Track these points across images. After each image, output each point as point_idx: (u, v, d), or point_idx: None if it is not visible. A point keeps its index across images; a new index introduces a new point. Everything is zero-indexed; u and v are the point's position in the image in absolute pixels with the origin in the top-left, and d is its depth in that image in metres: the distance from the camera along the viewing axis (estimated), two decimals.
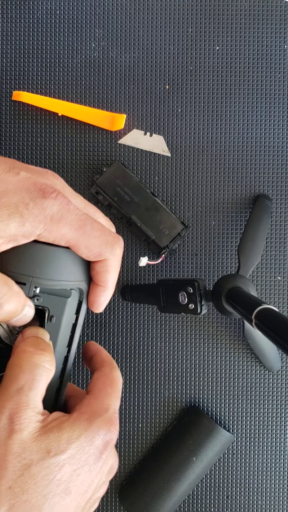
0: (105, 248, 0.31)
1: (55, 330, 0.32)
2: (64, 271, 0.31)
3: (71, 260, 0.32)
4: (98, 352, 0.36)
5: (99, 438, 0.28)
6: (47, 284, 0.31)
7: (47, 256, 0.31)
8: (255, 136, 0.52)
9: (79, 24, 0.51)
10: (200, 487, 0.51)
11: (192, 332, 0.51)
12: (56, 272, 0.31)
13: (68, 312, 0.33)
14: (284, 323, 0.31)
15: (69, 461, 0.27)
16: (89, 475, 0.28)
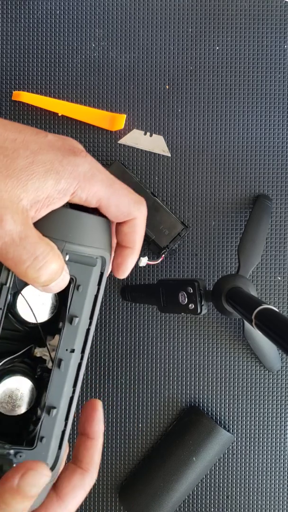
0: (133, 206, 0.31)
1: (81, 300, 0.33)
2: (94, 237, 0.33)
3: (99, 226, 0.34)
4: (95, 444, 0.36)
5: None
6: (77, 250, 0.32)
7: (78, 221, 0.32)
8: (255, 136, 0.52)
9: (79, 24, 0.52)
10: (200, 487, 0.51)
11: (192, 332, 0.51)
12: (86, 237, 0.32)
13: (93, 282, 0.34)
14: (284, 323, 0.31)
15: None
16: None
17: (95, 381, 0.51)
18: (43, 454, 0.33)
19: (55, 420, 0.33)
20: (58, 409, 0.33)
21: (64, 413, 0.34)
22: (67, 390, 0.34)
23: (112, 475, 0.51)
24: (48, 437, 0.33)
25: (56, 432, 0.33)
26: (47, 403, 0.33)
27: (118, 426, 0.51)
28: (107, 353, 0.51)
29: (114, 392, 0.51)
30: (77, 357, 0.34)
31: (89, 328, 0.34)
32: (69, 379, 0.34)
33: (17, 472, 0.29)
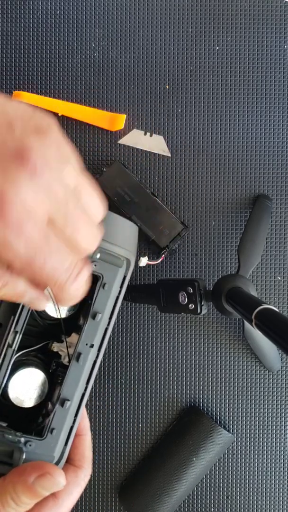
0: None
1: (105, 298, 0.34)
2: (124, 238, 0.34)
3: (130, 230, 0.36)
4: (83, 440, 0.36)
5: None
6: (109, 248, 0.33)
7: (113, 221, 0.34)
8: (255, 136, 0.52)
9: (79, 24, 0.51)
10: (200, 487, 0.51)
11: (192, 332, 0.51)
12: (119, 237, 0.34)
13: (117, 282, 0.35)
14: (284, 323, 0.31)
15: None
16: None
17: (95, 381, 0.51)
18: (52, 446, 0.33)
19: (67, 413, 0.34)
20: (71, 402, 0.34)
21: (75, 408, 0.35)
22: (81, 385, 0.34)
23: (112, 475, 0.51)
24: (59, 429, 0.34)
25: (66, 426, 0.34)
26: (62, 394, 0.34)
27: (118, 426, 0.51)
28: (107, 353, 0.51)
29: (114, 392, 0.51)
30: (94, 354, 0.35)
31: (107, 327, 0.35)
32: (84, 374, 0.34)
33: (36, 471, 0.30)
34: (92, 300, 0.34)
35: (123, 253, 0.34)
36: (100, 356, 0.35)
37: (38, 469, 0.30)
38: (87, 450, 0.36)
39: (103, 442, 0.51)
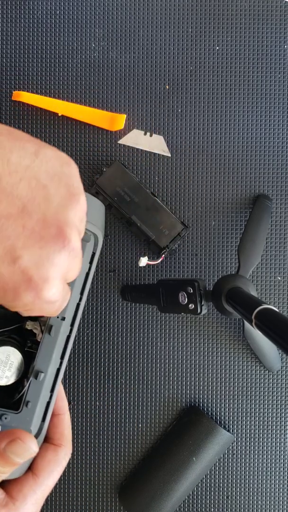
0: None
1: None
2: (89, 212, 0.33)
3: (96, 206, 0.36)
4: (62, 419, 0.37)
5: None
6: None
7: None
8: (255, 136, 0.52)
9: (79, 24, 0.51)
10: (200, 487, 0.51)
11: (192, 332, 0.51)
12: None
13: (85, 257, 0.35)
14: (284, 323, 0.31)
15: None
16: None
17: (95, 381, 0.51)
18: (27, 420, 0.33)
19: (42, 385, 0.34)
20: (45, 375, 0.34)
21: (50, 382, 0.35)
22: (55, 358, 0.35)
23: (112, 475, 0.51)
24: (34, 402, 0.34)
25: (41, 399, 0.34)
26: (36, 367, 0.34)
27: (118, 426, 0.51)
28: (107, 353, 0.51)
29: (114, 392, 0.51)
30: (67, 328, 0.35)
31: (79, 303, 0.35)
32: (58, 347, 0.35)
33: (6, 437, 0.30)
34: None
35: (90, 227, 0.34)
36: (74, 331, 0.36)
37: (9, 435, 0.30)
38: (66, 429, 0.36)
39: (103, 442, 0.51)
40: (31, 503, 0.31)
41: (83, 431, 0.51)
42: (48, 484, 0.33)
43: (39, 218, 0.23)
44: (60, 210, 0.24)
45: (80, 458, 0.51)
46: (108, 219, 0.51)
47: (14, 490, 0.31)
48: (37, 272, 0.23)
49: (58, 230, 0.24)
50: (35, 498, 0.32)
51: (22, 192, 0.23)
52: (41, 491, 0.32)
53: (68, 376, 0.51)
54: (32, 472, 0.33)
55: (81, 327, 0.51)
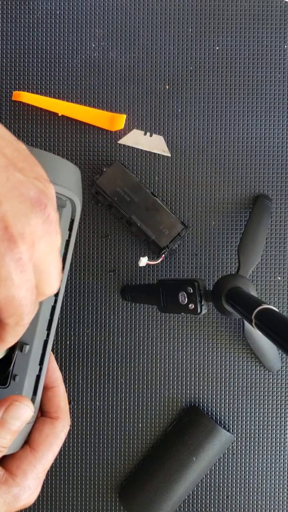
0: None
1: None
2: (64, 177, 0.33)
3: (70, 170, 0.34)
4: (56, 391, 0.36)
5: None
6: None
7: (46, 158, 0.33)
8: (255, 136, 0.52)
9: (79, 24, 0.51)
10: (200, 487, 0.51)
11: (192, 332, 0.51)
12: (55, 175, 0.32)
13: (63, 223, 0.34)
14: (284, 323, 0.31)
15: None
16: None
17: (95, 381, 0.51)
18: (16, 394, 0.33)
19: (28, 358, 0.33)
20: (31, 347, 0.33)
21: (38, 355, 0.34)
22: (40, 330, 0.34)
23: (112, 475, 0.51)
24: (22, 376, 0.33)
25: (30, 372, 0.33)
26: (20, 339, 0.32)
27: (118, 426, 0.51)
28: (107, 353, 0.51)
29: (114, 392, 0.51)
30: (50, 299, 0.34)
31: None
32: (42, 318, 0.34)
33: (2, 405, 0.29)
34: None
35: (64, 192, 0.33)
36: (59, 302, 0.35)
37: (4, 402, 0.29)
38: (62, 401, 0.35)
39: (103, 442, 0.51)
40: (32, 478, 0.31)
41: (83, 431, 0.51)
42: (48, 458, 0.32)
43: (20, 178, 0.25)
44: (39, 183, 0.26)
45: (80, 458, 0.51)
46: (108, 219, 0.51)
47: (13, 466, 0.31)
48: (14, 222, 0.24)
49: (37, 194, 0.25)
50: (36, 473, 0.31)
51: (8, 152, 0.26)
52: (41, 465, 0.32)
53: (68, 376, 0.51)
54: (30, 447, 0.32)
55: (81, 327, 0.51)
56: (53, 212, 0.26)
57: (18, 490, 0.30)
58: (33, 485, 0.31)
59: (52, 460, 0.33)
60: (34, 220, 0.25)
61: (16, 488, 0.30)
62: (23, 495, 0.30)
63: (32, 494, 0.31)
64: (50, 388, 0.36)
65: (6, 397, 0.30)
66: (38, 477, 0.32)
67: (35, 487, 0.31)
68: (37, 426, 0.34)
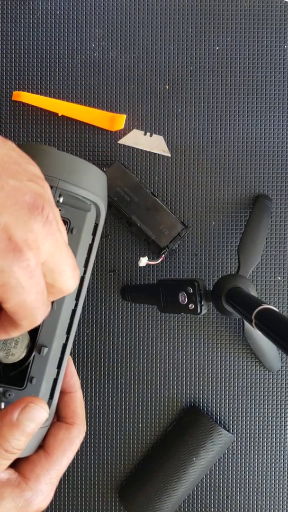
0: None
1: (75, 243, 0.33)
2: (89, 181, 0.33)
3: (96, 175, 0.34)
4: (73, 397, 0.36)
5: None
6: (71, 191, 0.32)
7: (74, 163, 0.33)
8: (255, 136, 0.52)
9: (79, 24, 0.51)
10: (200, 487, 0.51)
11: (192, 332, 0.51)
12: (82, 179, 0.33)
13: (87, 228, 0.34)
14: (284, 323, 0.31)
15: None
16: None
17: (95, 381, 0.51)
18: (33, 396, 0.32)
19: (46, 361, 0.33)
20: (49, 350, 0.33)
21: (56, 358, 0.34)
22: (59, 333, 0.33)
23: (112, 475, 0.51)
24: (39, 378, 0.32)
25: (47, 375, 0.33)
26: (39, 341, 0.33)
27: (118, 426, 0.51)
28: (107, 353, 0.51)
29: (114, 392, 0.51)
30: (71, 302, 0.34)
31: (83, 276, 0.34)
32: (62, 321, 0.33)
33: (17, 406, 0.29)
34: None
35: (89, 196, 0.34)
36: (79, 306, 0.35)
37: (20, 404, 0.29)
38: (78, 407, 0.35)
39: (103, 442, 0.51)
40: (45, 482, 0.31)
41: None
42: (62, 463, 0.32)
43: (14, 184, 0.25)
44: (34, 185, 0.26)
45: (80, 458, 0.51)
46: (108, 219, 0.51)
47: (27, 470, 0.31)
48: (16, 231, 0.24)
49: (32, 198, 0.25)
50: (49, 478, 0.31)
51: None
52: (55, 470, 0.31)
53: None
54: (44, 452, 0.32)
55: (81, 327, 0.51)
56: (52, 211, 0.26)
57: (31, 495, 0.30)
58: (46, 490, 0.31)
59: (66, 466, 0.32)
60: (34, 225, 0.25)
61: (29, 492, 0.30)
62: (35, 500, 0.30)
63: (45, 500, 0.31)
64: (67, 393, 0.35)
65: (21, 398, 0.30)
66: (51, 483, 0.31)
67: (48, 492, 0.31)
68: (52, 431, 0.33)
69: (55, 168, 0.32)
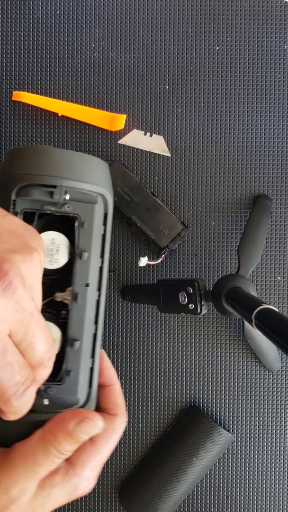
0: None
1: (87, 236, 0.34)
2: (91, 173, 0.34)
3: (97, 165, 0.35)
4: (113, 389, 0.37)
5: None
6: (76, 187, 0.33)
7: (74, 158, 0.33)
8: (255, 136, 0.52)
9: (79, 24, 0.51)
10: (200, 487, 0.51)
11: (192, 332, 0.51)
12: (83, 173, 0.33)
13: (97, 219, 0.34)
14: (284, 323, 0.31)
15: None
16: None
17: None
18: (72, 389, 0.34)
19: (80, 353, 0.34)
20: (81, 342, 0.34)
21: (89, 349, 0.35)
22: (88, 325, 0.34)
23: (112, 475, 0.51)
24: (75, 370, 0.34)
25: (83, 367, 0.34)
26: (69, 336, 0.34)
27: None
28: (107, 353, 0.51)
29: None
30: (94, 293, 0.35)
31: (101, 266, 0.35)
32: (88, 313, 0.34)
33: (75, 417, 0.31)
34: (75, 242, 0.34)
35: (94, 188, 0.34)
36: (103, 297, 0.35)
37: (77, 415, 0.31)
38: (118, 398, 0.37)
39: None
40: (90, 469, 0.33)
41: None
42: (105, 452, 0.34)
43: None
44: (5, 253, 0.25)
45: None
46: None
47: (74, 456, 0.32)
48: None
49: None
50: (93, 465, 0.33)
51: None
52: (99, 457, 0.33)
53: None
54: (90, 440, 0.34)
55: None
56: (16, 278, 0.25)
57: (78, 480, 0.32)
58: (90, 475, 0.33)
59: (108, 455, 0.34)
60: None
61: (76, 478, 0.32)
62: (81, 485, 0.32)
63: (89, 484, 0.33)
64: (107, 387, 0.37)
65: (80, 410, 0.32)
66: (95, 469, 0.33)
67: (92, 478, 0.33)
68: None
69: (56, 167, 0.33)
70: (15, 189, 0.32)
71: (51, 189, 0.32)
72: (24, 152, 0.33)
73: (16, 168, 0.33)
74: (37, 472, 0.30)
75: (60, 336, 0.35)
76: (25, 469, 0.30)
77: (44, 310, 0.37)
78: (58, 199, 0.32)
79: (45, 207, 0.33)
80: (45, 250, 0.34)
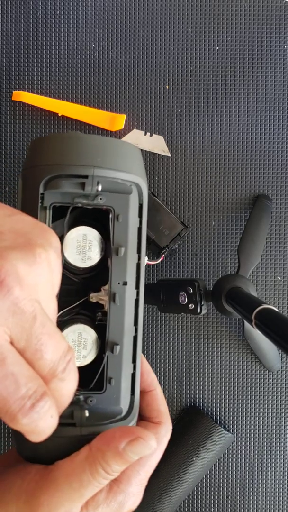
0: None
1: (123, 230, 0.31)
2: (125, 161, 0.31)
3: (130, 151, 0.32)
4: (154, 394, 0.34)
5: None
6: (109, 176, 0.30)
7: (107, 144, 0.30)
8: (255, 136, 0.52)
9: (79, 24, 0.52)
10: (200, 487, 0.51)
11: (192, 332, 0.51)
12: (117, 160, 0.30)
13: (132, 211, 0.32)
14: (284, 323, 0.31)
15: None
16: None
17: None
18: (115, 398, 0.31)
19: (121, 358, 0.31)
20: (122, 347, 0.31)
21: (129, 353, 0.32)
22: (128, 327, 0.32)
23: None
24: (117, 378, 0.31)
25: (124, 373, 0.32)
26: (109, 339, 0.31)
27: None
28: None
29: None
30: (132, 292, 0.32)
31: (138, 262, 0.32)
32: (128, 314, 0.32)
33: (126, 436, 0.28)
34: (110, 237, 0.31)
35: (128, 177, 0.31)
36: (141, 296, 0.32)
37: (128, 434, 0.28)
38: (161, 405, 0.34)
39: None
40: (136, 484, 0.30)
41: None
42: (151, 464, 0.31)
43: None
44: (4, 252, 0.23)
45: None
46: None
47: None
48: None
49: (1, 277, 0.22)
50: (139, 479, 0.30)
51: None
52: (145, 471, 0.31)
53: None
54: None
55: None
56: (9, 276, 0.22)
57: (123, 497, 0.30)
58: (136, 491, 0.30)
59: (154, 466, 0.32)
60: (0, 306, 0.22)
61: (121, 495, 0.30)
62: (127, 502, 0.30)
63: (136, 501, 0.30)
64: (147, 392, 0.34)
65: (132, 427, 0.29)
66: (141, 484, 0.31)
67: (138, 493, 0.31)
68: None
69: (87, 155, 0.30)
70: (43, 182, 0.29)
71: (82, 180, 0.29)
72: (50, 140, 0.30)
73: (42, 159, 0.30)
74: (82, 494, 0.28)
75: (96, 340, 0.32)
76: (69, 490, 0.27)
77: (77, 313, 0.34)
78: (90, 191, 0.30)
79: (76, 200, 0.30)
80: (74, 247, 0.31)
